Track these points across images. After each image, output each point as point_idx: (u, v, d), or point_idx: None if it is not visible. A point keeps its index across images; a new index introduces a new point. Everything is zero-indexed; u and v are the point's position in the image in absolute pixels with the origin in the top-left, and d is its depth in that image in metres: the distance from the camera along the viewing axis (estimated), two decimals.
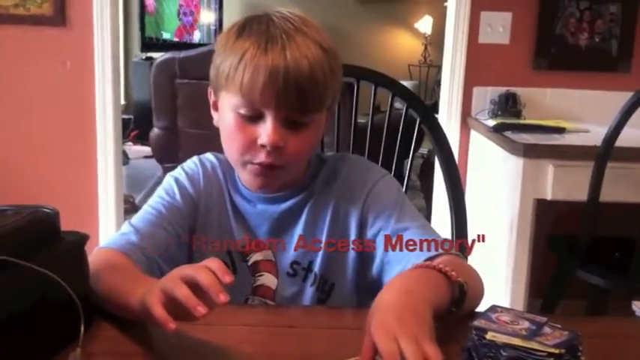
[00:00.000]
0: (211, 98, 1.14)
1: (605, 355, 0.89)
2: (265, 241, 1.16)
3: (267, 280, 1.15)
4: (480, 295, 1.02)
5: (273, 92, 1.02)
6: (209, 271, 0.78)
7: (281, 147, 1.05)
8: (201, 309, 0.75)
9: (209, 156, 1.22)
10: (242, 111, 1.05)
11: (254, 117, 1.05)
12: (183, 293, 0.76)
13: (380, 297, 0.85)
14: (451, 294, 0.90)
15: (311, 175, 1.18)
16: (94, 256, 1.04)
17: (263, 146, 1.05)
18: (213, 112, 1.14)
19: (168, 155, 3.84)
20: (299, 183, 1.16)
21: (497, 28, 2.79)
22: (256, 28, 1.04)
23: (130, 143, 6.12)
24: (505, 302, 2.32)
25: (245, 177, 1.13)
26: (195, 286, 0.78)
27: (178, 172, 1.20)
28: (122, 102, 3.05)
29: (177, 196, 1.15)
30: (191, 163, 1.21)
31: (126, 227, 1.11)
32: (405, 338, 0.74)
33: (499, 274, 2.39)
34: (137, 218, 1.13)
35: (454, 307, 0.91)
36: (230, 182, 1.18)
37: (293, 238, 1.15)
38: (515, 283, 2.36)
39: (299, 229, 1.15)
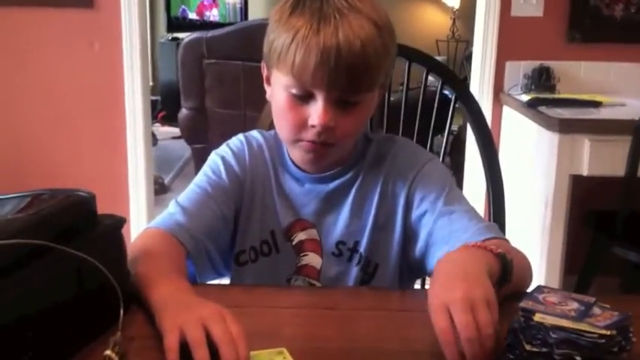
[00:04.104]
0: (264, 72, 1.13)
1: None
2: (310, 220, 1.15)
3: (312, 259, 1.15)
4: (527, 275, 1.01)
5: (325, 74, 1.00)
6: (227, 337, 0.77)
7: (331, 127, 1.04)
8: None
9: (255, 134, 1.21)
10: (293, 91, 1.04)
11: (305, 96, 1.04)
12: (199, 356, 0.75)
13: (431, 281, 0.84)
14: (498, 265, 0.89)
15: (359, 154, 1.17)
16: (140, 237, 1.05)
17: (313, 126, 1.04)
18: (266, 85, 1.14)
19: (197, 136, 3.84)
20: (347, 162, 1.15)
21: (530, 0, 2.73)
22: (309, 5, 1.02)
23: (158, 124, 6.14)
24: (540, 279, 2.29)
25: (295, 154, 1.13)
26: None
27: (224, 149, 1.19)
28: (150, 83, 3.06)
29: (223, 175, 1.15)
30: (237, 141, 1.20)
31: (173, 206, 1.11)
32: (455, 308, 0.76)
33: (534, 251, 2.36)
34: (184, 197, 1.13)
35: (504, 281, 0.89)
36: (278, 161, 1.18)
37: (339, 217, 1.14)
38: (550, 259, 2.34)
39: (346, 209, 1.14)
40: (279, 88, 1.07)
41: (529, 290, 0.85)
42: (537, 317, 0.76)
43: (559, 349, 0.74)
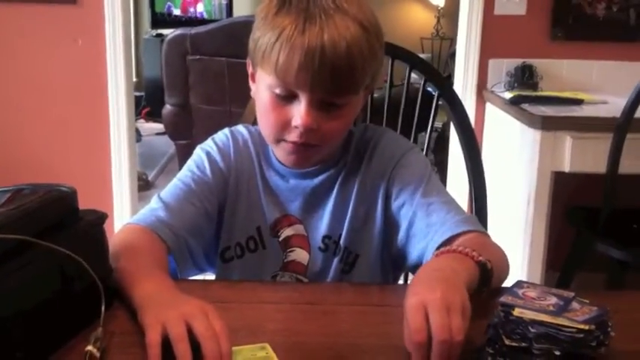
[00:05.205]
0: (249, 69, 1.12)
1: (635, 330, 0.88)
2: (297, 216, 1.14)
3: (299, 255, 1.14)
4: (504, 271, 1.01)
5: (308, 75, 0.99)
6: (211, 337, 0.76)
7: (314, 129, 1.03)
8: None
9: (241, 129, 1.21)
10: (277, 90, 1.03)
11: (289, 97, 1.03)
12: (180, 351, 0.74)
13: (411, 282, 0.85)
14: (478, 273, 0.90)
15: (342, 147, 1.16)
16: (121, 231, 1.04)
17: (297, 127, 1.03)
18: (250, 83, 1.13)
19: (181, 132, 3.83)
20: (332, 157, 1.15)
21: None
22: (296, 4, 1.01)
23: (142, 120, 6.10)
24: (522, 275, 2.31)
25: (279, 153, 1.12)
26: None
27: (209, 144, 1.18)
28: (133, 79, 3.04)
29: (208, 171, 1.14)
30: (222, 136, 1.19)
31: (155, 202, 1.10)
32: (433, 308, 0.75)
33: (516, 247, 2.37)
34: (166, 192, 1.12)
35: (483, 287, 0.90)
36: (262, 156, 1.17)
37: (325, 212, 1.14)
38: (532, 255, 2.35)
39: (331, 203, 1.14)
40: (263, 87, 1.06)
41: (509, 285, 0.86)
42: (516, 312, 0.77)
43: (538, 343, 0.75)
